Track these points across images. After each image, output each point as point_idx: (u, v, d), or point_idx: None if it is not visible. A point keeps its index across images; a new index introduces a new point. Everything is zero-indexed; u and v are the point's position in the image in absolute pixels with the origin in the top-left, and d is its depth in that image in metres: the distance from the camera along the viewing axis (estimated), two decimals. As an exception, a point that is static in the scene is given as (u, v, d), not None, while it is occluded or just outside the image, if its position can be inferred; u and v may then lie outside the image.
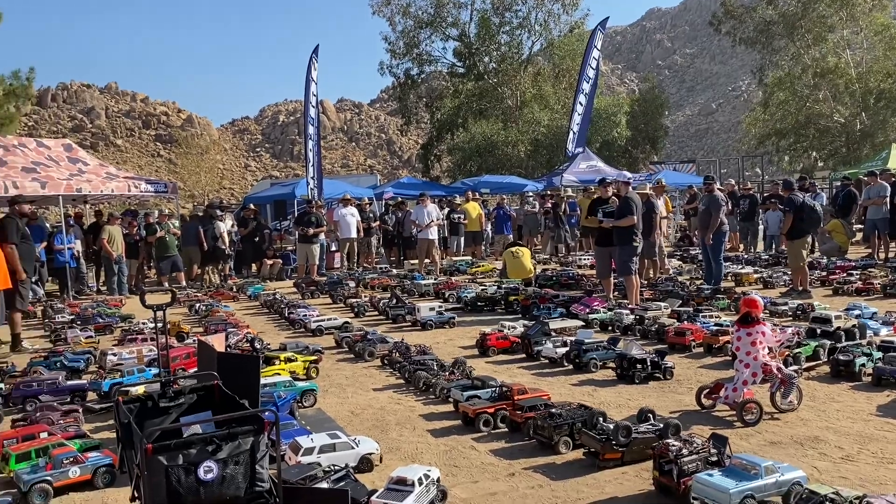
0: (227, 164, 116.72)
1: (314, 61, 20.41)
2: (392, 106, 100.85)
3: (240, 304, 13.52)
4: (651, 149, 42.13)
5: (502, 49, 39.71)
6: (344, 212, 18.40)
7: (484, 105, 39.38)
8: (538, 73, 39.75)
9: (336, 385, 7.03)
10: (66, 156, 16.90)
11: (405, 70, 41.42)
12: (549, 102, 37.79)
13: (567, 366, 7.39)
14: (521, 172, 32.51)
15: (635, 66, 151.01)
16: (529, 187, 23.31)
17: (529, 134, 35.43)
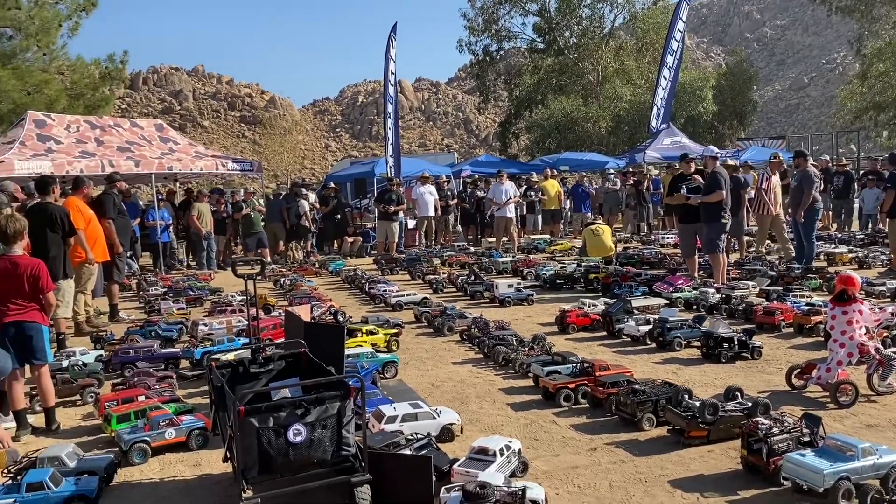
0: (308, 145, 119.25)
1: (392, 39, 20.52)
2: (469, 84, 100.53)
3: (322, 279, 13.83)
4: (738, 125, 40.46)
5: (583, 23, 38.83)
6: (422, 190, 18.51)
7: (564, 81, 38.68)
8: (620, 47, 38.71)
9: (416, 358, 7.12)
10: (157, 135, 17.58)
11: (484, 47, 41.08)
12: (632, 77, 36.77)
13: (650, 344, 7.25)
14: (602, 149, 31.87)
15: (721, 39, 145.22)
16: (610, 164, 22.85)
17: (611, 110, 34.62)
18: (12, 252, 5.25)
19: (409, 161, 23.50)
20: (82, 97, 22.64)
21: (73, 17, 22.68)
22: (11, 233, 5.24)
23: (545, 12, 39.43)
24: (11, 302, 5.19)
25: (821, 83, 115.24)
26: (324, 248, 19.04)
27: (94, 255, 8.83)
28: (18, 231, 5.26)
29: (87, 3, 22.89)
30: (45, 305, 5.30)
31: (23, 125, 15.28)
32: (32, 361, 5.25)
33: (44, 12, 21.76)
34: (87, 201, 9.33)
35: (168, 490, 4.22)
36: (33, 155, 14.16)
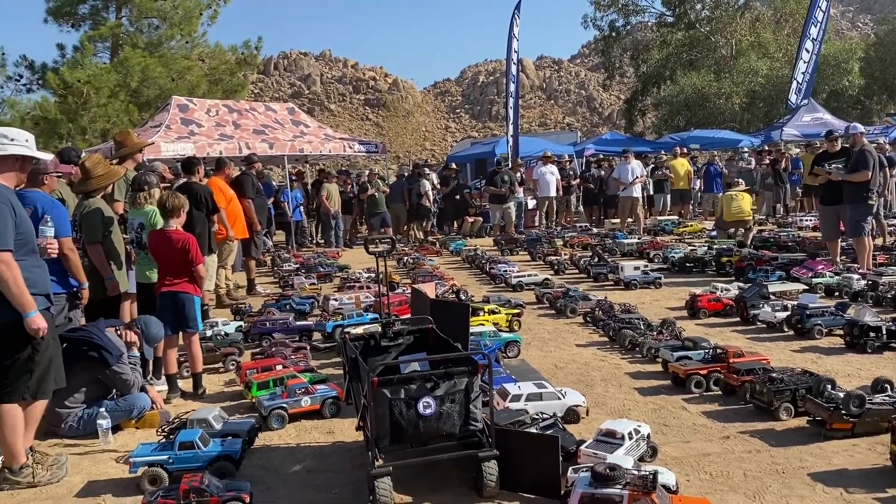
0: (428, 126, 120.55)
1: (516, 17, 20.34)
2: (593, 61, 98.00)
3: (443, 258, 14.02)
4: (888, 99, 37.21)
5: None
6: (543, 170, 18.33)
7: (694, 56, 36.89)
8: (757, 18, 36.42)
9: (538, 339, 7.09)
10: (289, 119, 18.36)
11: (610, 22, 39.83)
12: (769, 50, 34.56)
13: (787, 331, 6.87)
14: (735, 126, 30.26)
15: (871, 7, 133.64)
16: (744, 142, 21.71)
17: (745, 85, 32.73)
18: (168, 227, 5.65)
19: (530, 140, 23.32)
20: (220, 82, 23.97)
21: (212, 5, 24.01)
22: (170, 208, 5.64)
23: (675, -16, 37.75)
24: (167, 273, 5.61)
25: None
26: (444, 228, 19.27)
27: (234, 233, 9.36)
28: (176, 207, 5.67)
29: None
30: (196, 277, 5.68)
31: (168, 109, 16.40)
32: (185, 329, 5.66)
33: (186, 2, 23.18)
34: (227, 182, 9.89)
35: (304, 455, 4.44)
36: (177, 138, 15.16)
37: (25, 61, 23.81)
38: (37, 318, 3.87)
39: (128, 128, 18.90)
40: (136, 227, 6.06)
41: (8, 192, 3.96)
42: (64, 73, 20.60)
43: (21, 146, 4.02)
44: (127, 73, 20.73)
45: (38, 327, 3.87)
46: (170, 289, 5.59)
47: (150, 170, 7.99)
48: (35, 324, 3.86)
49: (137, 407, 5.01)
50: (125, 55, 21.19)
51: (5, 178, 4.01)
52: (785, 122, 21.88)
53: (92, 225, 5.69)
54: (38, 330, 3.88)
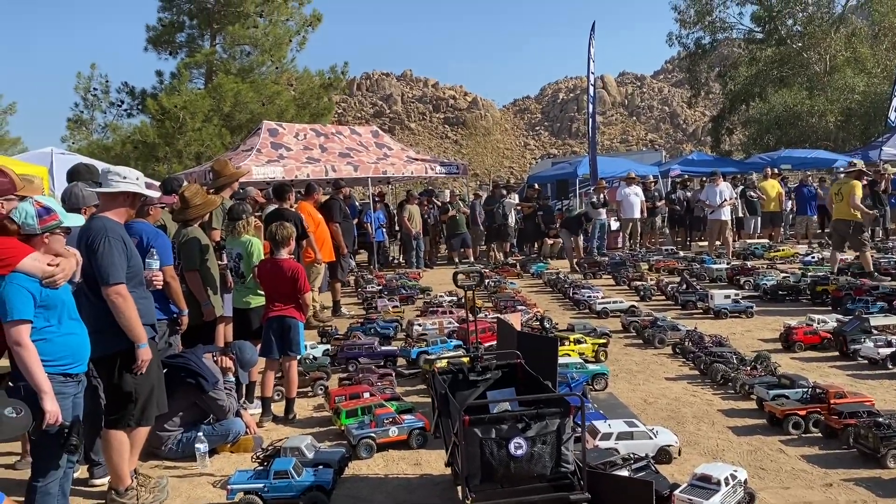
0: (507, 144, 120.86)
1: (592, 39, 20.21)
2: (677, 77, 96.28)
3: (523, 281, 13.96)
4: None
5: (809, 10, 35.49)
6: (627, 191, 18.05)
7: (785, 72, 35.64)
8: (853, 33, 34.90)
9: (626, 370, 6.95)
10: (373, 141, 18.74)
11: (696, 40, 39.00)
12: (866, 66, 33.05)
13: (892, 369, 6.51)
14: (830, 146, 29.01)
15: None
16: (840, 162, 20.78)
17: (840, 103, 31.34)
18: (279, 256, 5.89)
19: (613, 161, 23.04)
20: (308, 106, 24.75)
21: (301, 32, 24.88)
22: (280, 239, 5.95)
23: (765, 1, 36.62)
24: (275, 300, 5.85)
25: None
26: (524, 248, 19.21)
27: (321, 256, 9.61)
28: (286, 237, 5.96)
29: (312, 19, 25.00)
30: (302, 304, 5.90)
31: (259, 134, 17.01)
32: (288, 353, 5.87)
33: (276, 29, 24.10)
34: (316, 206, 10.18)
35: (393, 487, 4.49)
36: (267, 161, 15.69)
37: (126, 87, 25.29)
38: (147, 349, 4.08)
39: (220, 151, 19.76)
40: (234, 257, 6.30)
41: (119, 227, 4.19)
42: (162, 98, 21.74)
43: (132, 184, 4.24)
44: (220, 99, 21.67)
45: (147, 358, 4.08)
46: (278, 314, 5.83)
47: (242, 197, 8.31)
48: (146, 354, 4.07)
49: (233, 432, 5.18)
50: (219, 81, 22.17)
51: (117, 213, 4.24)
52: (885, 141, 20.91)
53: (190, 253, 5.95)
54: (146, 361, 4.08)
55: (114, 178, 4.20)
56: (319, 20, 24.98)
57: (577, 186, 20.84)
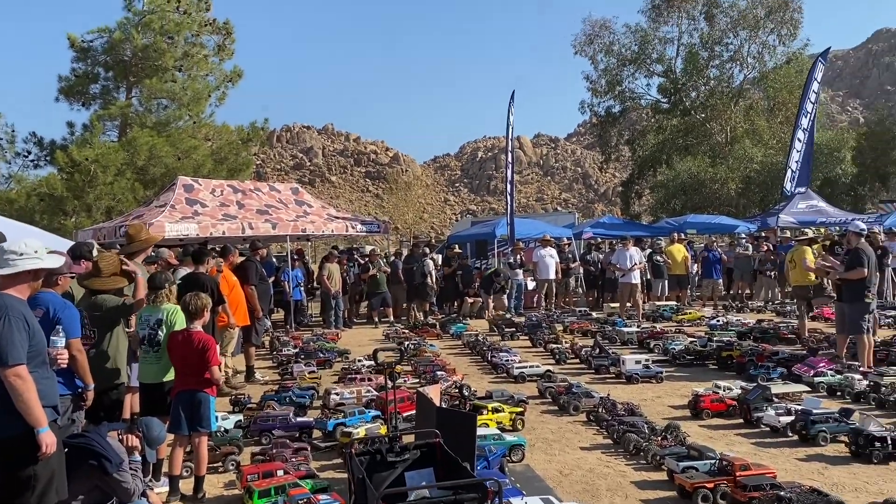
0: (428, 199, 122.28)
1: (511, 107, 20.94)
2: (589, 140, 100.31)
3: (443, 342, 13.98)
4: (881, 186, 37.97)
5: (711, 83, 38.01)
6: (543, 252, 18.52)
7: (690, 141, 37.82)
8: (750, 107, 37.50)
9: (542, 440, 7.02)
10: (293, 198, 18.60)
11: (606, 108, 41.02)
12: (763, 137, 35.46)
13: (791, 436, 6.83)
14: (732, 211, 30.72)
15: (859, 92, 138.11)
16: (741, 228, 21.99)
17: (740, 171, 33.39)
18: (192, 327, 5.71)
19: (529, 222, 23.58)
20: (226, 161, 24.41)
21: (221, 87, 24.68)
22: (194, 310, 5.78)
23: (671, 73, 38.95)
24: (185, 373, 5.66)
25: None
26: (444, 307, 19.30)
27: (235, 320, 9.38)
28: (200, 308, 5.79)
29: (233, 75, 24.88)
30: (213, 378, 5.72)
31: (174, 189, 16.61)
32: (198, 428, 5.64)
33: (196, 84, 23.83)
34: (231, 268, 9.97)
35: (306, 573, 4.35)
36: (182, 218, 15.31)
37: (34, 138, 24.34)
38: (48, 433, 3.86)
39: (133, 205, 19.16)
40: (151, 325, 6.06)
41: (21, 304, 3.99)
42: (72, 150, 21.00)
43: (31, 260, 4.06)
44: (134, 152, 21.12)
45: (51, 442, 3.86)
46: (188, 388, 5.64)
47: (154, 261, 8.07)
48: (48, 438, 3.85)
49: (137, 514, 4.91)
50: (133, 134, 21.67)
51: (18, 290, 4.05)
52: (781, 209, 22.24)
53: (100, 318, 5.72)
54: (48, 445, 3.86)
55: (10, 258, 4.01)
56: (240, 76, 24.90)
57: (496, 246, 21.23)
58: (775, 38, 36.70)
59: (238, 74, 24.83)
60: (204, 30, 23.76)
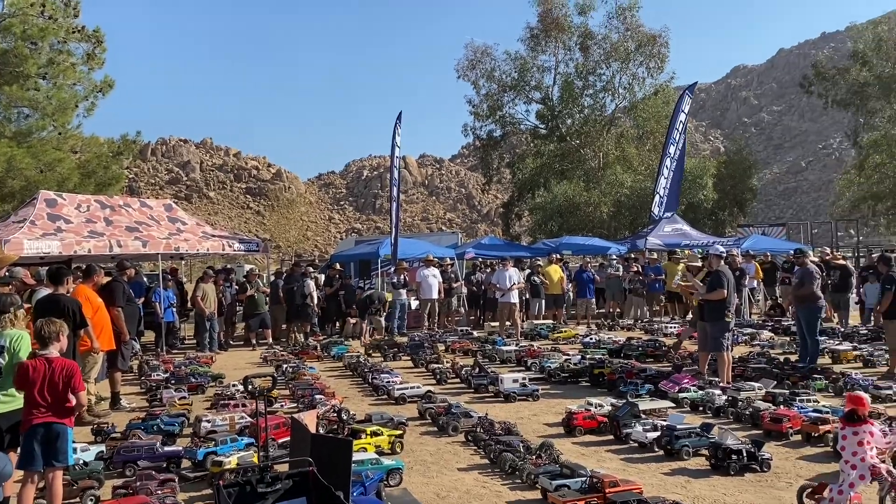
0: (311, 217, 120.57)
1: (398, 127, 21.02)
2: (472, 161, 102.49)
3: (323, 364, 13.75)
4: (738, 211, 41.00)
5: (585, 111, 39.86)
6: (426, 273, 18.68)
7: (566, 166, 39.41)
8: (622, 135, 39.60)
9: (421, 462, 7.01)
10: (166, 215, 17.83)
11: (488, 132, 42.09)
12: (633, 164, 37.49)
13: (658, 451, 7.16)
14: (604, 233, 32.18)
15: (720, 123, 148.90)
16: (613, 250, 23.05)
17: (612, 195, 35.11)
18: (48, 353, 5.32)
19: (413, 242, 23.67)
20: (94, 175, 23.05)
21: (89, 97, 23.33)
22: (46, 335, 5.39)
23: (548, 100, 40.52)
24: (40, 403, 5.23)
25: (818, 167, 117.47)
26: (325, 328, 19.02)
27: (99, 345, 8.83)
28: (53, 334, 5.40)
29: (103, 85, 23.59)
30: (75, 406, 5.35)
31: (34, 203, 15.55)
32: (54, 463, 5.23)
33: (62, 93, 22.41)
34: (96, 289, 9.39)
35: None
36: (43, 234, 14.34)
37: None
38: None
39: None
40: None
41: None
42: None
43: None
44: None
45: None
46: (45, 419, 5.21)
47: (7, 282, 7.50)
48: None
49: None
50: (-10, 144, 20.07)
51: None
52: (649, 232, 23.49)
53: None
54: None
55: None
56: (111, 87, 23.59)
57: (380, 266, 21.15)
58: (644, 70, 39.01)
59: (109, 84, 23.54)
60: (72, 37, 22.38)
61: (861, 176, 40.29)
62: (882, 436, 5.39)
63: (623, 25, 39.10)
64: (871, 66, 37.98)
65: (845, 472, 5.31)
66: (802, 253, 12.77)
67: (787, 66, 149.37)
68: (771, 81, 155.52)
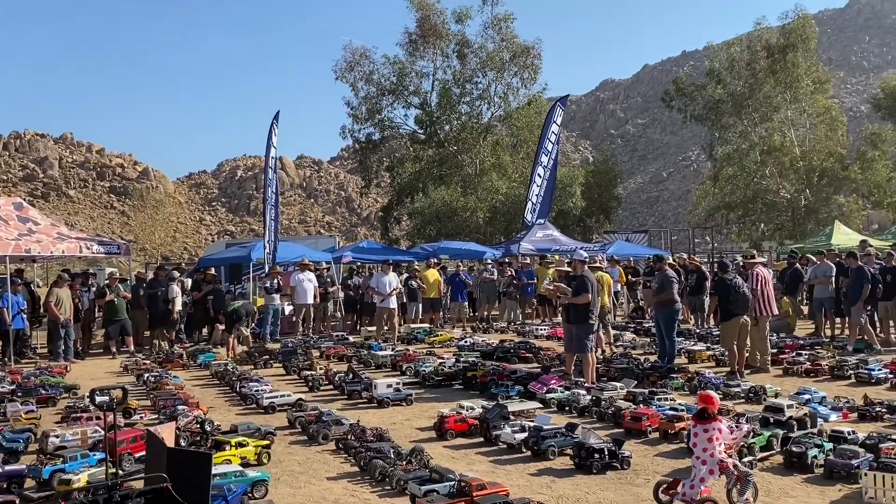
0: (181, 218, 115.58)
1: (275, 127, 20.49)
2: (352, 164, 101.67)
3: (189, 373, 13.17)
4: (604, 218, 43.00)
5: (462, 118, 40.50)
6: (301, 277, 18.29)
7: (444, 171, 39.87)
8: (497, 142, 40.54)
9: (288, 472, 6.83)
10: (15, 214, 16.47)
11: (367, 135, 41.92)
12: (508, 171, 38.47)
13: (525, 452, 7.32)
14: (481, 238, 32.79)
15: (589, 134, 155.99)
16: (488, 254, 23.51)
17: (488, 201, 35.87)
18: None
19: (289, 246, 23.14)
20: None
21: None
22: None
23: (426, 106, 40.86)
24: None
25: (678, 178, 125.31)
26: (193, 335, 18.25)
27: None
28: None
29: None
30: None
31: None
32: None
33: None
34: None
35: None
36: None
37: None
38: None
39: None
40: None
41: None
42: None
43: None
44: None
45: None
46: None
47: None
48: None
49: None
50: None
51: None
52: (522, 237, 24.15)
53: None
54: None
55: None
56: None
57: (252, 270, 20.52)
58: (518, 80, 40.09)
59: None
60: None
61: (716, 187, 43.28)
62: (729, 432, 5.76)
63: (498, 36, 40.06)
64: (724, 84, 40.88)
65: (696, 467, 5.64)
66: (660, 259, 13.49)
67: (652, 81, 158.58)
68: (636, 96, 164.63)
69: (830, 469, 6.38)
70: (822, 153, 39.50)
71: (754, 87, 39.58)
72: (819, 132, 40.34)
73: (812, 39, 39.49)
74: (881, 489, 5.63)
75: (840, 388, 10.30)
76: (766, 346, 12.11)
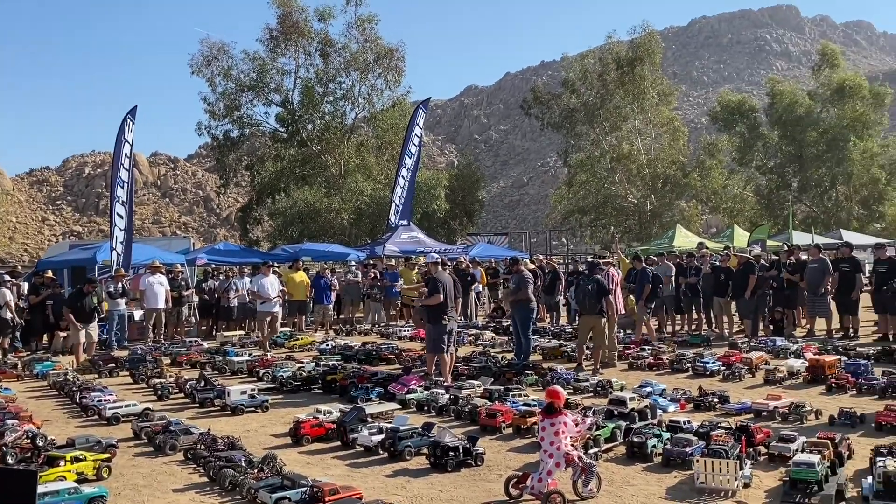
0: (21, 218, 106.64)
1: (129, 122, 19.29)
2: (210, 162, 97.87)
3: (24, 384, 12.17)
4: (468, 221, 43.95)
5: (326, 118, 40.03)
6: (152, 280, 17.37)
7: (307, 171, 39.24)
8: (362, 143, 40.40)
9: (130, 487, 6.45)
10: None
11: (224, 132, 40.47)
12: (372, 173, 38.44)
13: (383, 454, 7.32)
14: (345, 240, 32.53)
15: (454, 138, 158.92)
16: (352, 256, 23.35)
17: (353, 203, 35.66)
18: None
19: (139, 247, 21.88)
20: None
21: None
22: None
23: (288, 104, 40.05)
24: None
25: (537, 183, 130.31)
26: (31, 343, 16.88)
27: None
28: None
29: None
30: None
31: None
32: None
33: None
34: None
35: None
36: None
37: None
38: None
39: None
40: None
41: None
42: None
43: None
44: None
45: None
46: None
47: None
48: None
49: None
50: None
51: None
52: (387, 239, 24.21)
53: None
54: None
55: None
56: None
57: (97, 273, 19.23)
58: (383, 82, 40.24)
59: None
60: None
61: (570, 192, 45.45)
62: (574, 425, 6.03)
63: (362, 36, 39.97)
64: (578, 94, 43.00)
65: (544, 460, 5.86)
66: (516, 261, 13.97)
67: (513, 88, 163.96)
68: (499, 102, 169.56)
69: (667, 457, 6.82)
70: (666, 161, 42.50)
71: (605, 97, 41.95)
72: (663, 141, 43.38)
73: (657, 54, 42.37)
74: (710, 474, 6.07)
75: (679, 380, 11.05)
76: (614, 343, 12.82)
